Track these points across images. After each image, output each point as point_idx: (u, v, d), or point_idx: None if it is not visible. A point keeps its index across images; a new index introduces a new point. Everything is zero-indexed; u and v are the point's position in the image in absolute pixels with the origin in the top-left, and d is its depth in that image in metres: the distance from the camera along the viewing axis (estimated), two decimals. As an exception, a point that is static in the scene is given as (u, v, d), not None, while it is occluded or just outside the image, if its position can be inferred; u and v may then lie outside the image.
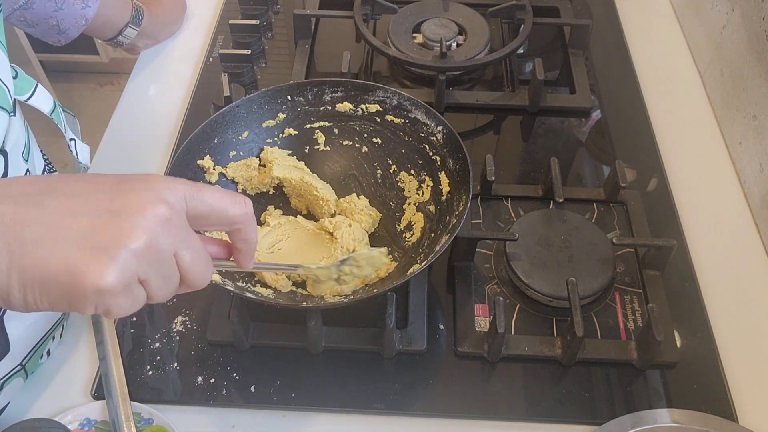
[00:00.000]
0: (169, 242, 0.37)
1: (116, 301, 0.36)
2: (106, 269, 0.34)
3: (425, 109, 0.73)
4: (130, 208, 0.36)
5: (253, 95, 0.73)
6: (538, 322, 0.69)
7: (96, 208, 0.36)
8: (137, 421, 0.61)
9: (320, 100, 0.75)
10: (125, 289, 0.36)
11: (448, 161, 0.71)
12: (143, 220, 0.36)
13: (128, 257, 0.35)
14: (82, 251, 0.34)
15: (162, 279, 0.38)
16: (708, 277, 0.73)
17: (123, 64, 2.19)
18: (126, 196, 0.37)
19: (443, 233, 0.68)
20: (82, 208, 0.36)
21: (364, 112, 0.76)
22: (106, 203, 0.36)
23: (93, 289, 0.35)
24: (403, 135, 0.75)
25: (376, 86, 0.74)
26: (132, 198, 0.36)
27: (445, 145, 0.72)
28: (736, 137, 0.85)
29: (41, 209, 0.35)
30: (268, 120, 0.75)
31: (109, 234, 0.35)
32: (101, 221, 0.35)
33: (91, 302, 0.35)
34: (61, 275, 0.34)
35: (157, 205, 0.37)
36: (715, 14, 0.93)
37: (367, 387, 0.64)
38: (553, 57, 1.00)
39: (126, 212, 0.36)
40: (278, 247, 0.70)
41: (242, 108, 0.73)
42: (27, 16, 0.76)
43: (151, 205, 0.36)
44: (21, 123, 0.58)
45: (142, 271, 0.36)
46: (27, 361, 0.62)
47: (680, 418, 0.60)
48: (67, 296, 0.35)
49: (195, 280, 0.40)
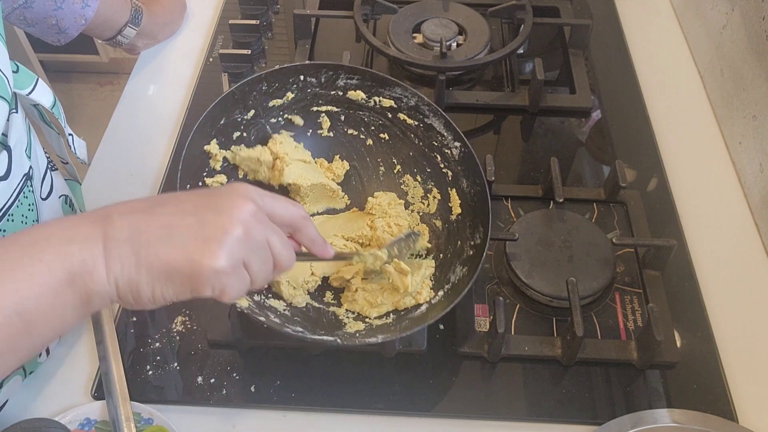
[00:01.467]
0: (261, 230, 0.45)
1: (229, 281, 0.43)
2: (218, 253, 0.42)
3: (445, 120, 0.71)
4: (227, 207, 0.44)
5: (265, 72, 0.69)
6: (538, 322, 0.69)
7: (199, 209, 0.44)
8: (137, 421, 0.61)
9: (333, 85, 0.72)
10: (234, 270, 0.43)
11: (462, 181, 0.70)
12: (239, 214, 0.44)
13: (233, 243, 0.43)
14: (197, 242, 0.42)
15: (261, 260, 0.46)
16: (708, 277, 0.73)
17: (123, 64, 2.19)
18: (220, 198, 0.45)
19: (455, 260, 0.67)
20: (188, 210, 0.44)
21: (376, 104, 0.73)
22: (206, 205, 0.44)
23: (210, 271, 0.42)
24: (414, 138, 0.74)
25: (396, 82, 0.72)
26: (225, 199, 0.45)
27: (460, 162, 0.70)
28: (736, 137, 0.85)
29: (156, 216, 0.43)
30: (276, 99, 0.71)
31: (214, 227, 0.43)
32: (206, 219, 0.43)
33: (209, 283, 0.43)
34: (182, 264, 0.42)
35: (247, 202, 0.45)
36: (715, 14, 0.93)
37: (367, 387, 0.64)
38: (553, 57, 1.00)
39: (224, 210, 0.44)
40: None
41: (252, 85, 0.69)
42: (26, 15, 0.76)
43: (242, 202, 0.44)
44: (23, 120, 0.58)
45: (245, 254, 0.44)
46: None
47: (680, 418, 0.60)
48: (189, 281, 0.42)
49: (285, 262, 0.48)
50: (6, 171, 0.54)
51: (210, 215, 0.43)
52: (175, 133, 0.88)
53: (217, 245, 0.42)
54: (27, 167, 0.57)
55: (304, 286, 0.67)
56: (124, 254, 0.41)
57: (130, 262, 0.41)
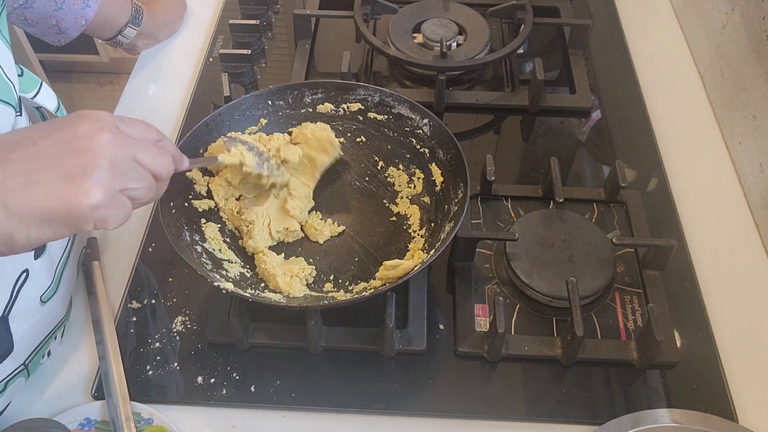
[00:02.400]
0: (126, 152, 0.45)
1: (109, 212, 0.43)
2: (91, 189, 0.42)
3: (409, 103, 0.73)
4: (81, 140, 0.43)
5: (234, 102, 0.73)
6: (538, 322, 0.69)
7: (56, 148, 0.42)
8: (137, 421, 0.61)
9: (301, 103, 0.76)
10: (111, 201, 0.43)
11: (438, 152, 0.72)
12: (99, 146, 0.43)
13: (103, 174, 0.42)
14: (66, 183, 0.41)
15: (137, 180, 0.46)
16: (708, 277, 0.73)
17: (123, 64, 2.19)
18: (71, 131, 0.43)
19: (444, 222, 0.68)
20: (45, 151, 0.42)
21: (345, 111, 0.76)
22: (60, 142, 0.43)
23: (87, 208, 0.42)
24: (388, 131, 0.76)
25: (357, 85, 0.75)
26: (77, 132, 0.43)
27: (432, 137, 0.73)
28: (736, 137, 0.85)
29: (12, 163, 0.41)
30: (251, 126, 0.75)
31: (77, 165, 0.42)
32: (65, 157, 0.42)
33: (89, 219, 0.43)
34: (56, 206, 0.41)
35: (101, 131, 0.44)
36: (715, 14, 0.93)
37: (367, 387, 0.64)
38: (553, 57, 1.00)
39: (80, 145, 0.43)
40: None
41: (225, 115, 0.73)
42: (27, 16, 0.76)
43: (96, 132, 0.44)
44: (26, 123, 0.58)
45: (118, 182, 0.44)
46: (29, 360, 0.62)
47: (680, 418, 0.60)
48: (67, 221, 0.42)
49: (162, 171, 0.48)
50: None
51: (70, 154, 0.42)
52: (175, 133, 0.88)
53: (87, 181, 0.42)
54: None
55: (299, 275, 0.67)
56: None
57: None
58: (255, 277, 0.67)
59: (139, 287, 0.72)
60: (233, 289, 0.61)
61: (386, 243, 0.72)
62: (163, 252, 0.74)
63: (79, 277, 0.72)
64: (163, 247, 0.74)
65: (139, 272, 0.73)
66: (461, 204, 0.66)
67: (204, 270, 0.62)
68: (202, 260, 0.64)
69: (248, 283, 0.66)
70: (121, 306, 0.70)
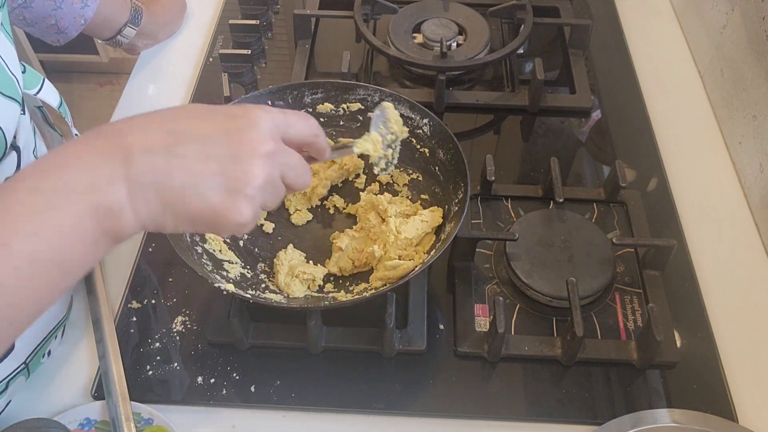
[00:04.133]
0: (278, 170, 0.46)
1: (248, 227, 0.45)
2: (243, 209, 0.43)
3: (409, 103, 0.73)
4: (245, 149, 0.44)
5: (233, 103, 0.72)
6: (538, 322, 0.69)
7: (220, 152, 0.43)
8: (137, 421, 0.61)
9: (301, 103, 0.76)
10: (255, 217, 0.45)
11: (438, 152, 0.72)
12: (258, 159, 0.44)
13: (255, 194, 0.44)
14: (221, 195, 0.43)
15: (275, 197, 0.47)
16: (708, 277, 0.73)
17: (123, 64, 2.19)
18: (238, 135, 0.44)
19: (444, 222, 0.68)
20: (210, 152, 0.43)
21: (345, 111, 0.76)
22: (227, 146, 0.43)
23: (234, 224, 0.44)
24: None
25: (357, 84, 0.75)
26: (243, 137, 0.44)
27: (432, 136, 0.72)
28: (736, 137, 0.85)
29: (179, 159, 0.42)
30: None
31: (237, 177, 0.43)
32: (228, 165, 0.43)
33: (231, 231, 0.44)
34: (208, 216, 0.43)
35: (265, 142, 0.44)
36: (715, 14, 0.93)
37: (367, 387, 0.64)
38: (553, 57, 1.00)
39: (243, 154, 0.43)
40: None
41: None
42: (26, 15, 0.76)
43: (260, 144, 0.44)
44: (29, 121, 0.58)
45: (263, 200, 0.45)
46: (30, 360, 0.62)
47: (680, 418, 0.60)
48: (213, 227, 0.44)
49: (298, 188, 0.49)
50: (15, 171, 0.54)
51: (232, 163, 0.43)
52: (175, 133, 0.87)
53: (241, 200, 0.43)
54: None
55: (301, 277, 0.67)
56: (149, 198, 0.42)
57: (156, 207, 0.42)
58: (255, 278, 0.67)
59: (139, 287, 0.72)
60: (234, 290, 0.61)
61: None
62: (163, 252, 0.74)
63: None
64: (163, 247, 0.74)
65: (139, 272, 0.73)
66: (461, 204, 0.66)
67: (204, 271, 0.62)
68: (202, 261, 0.64)
69: (249, 283, 0.66)
70: (121, 306, 0.70)
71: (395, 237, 0.67)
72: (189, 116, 0.45)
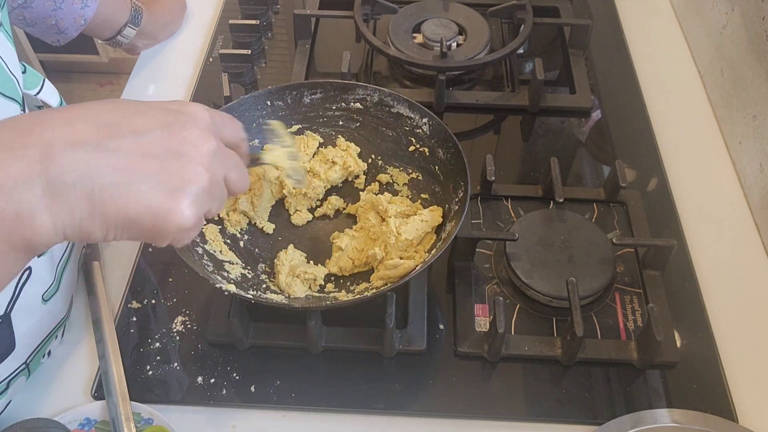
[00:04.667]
0: (221, 169, 0.42)
1: (191, 234, 0.41)
2: (186, 211, 0.39)
3: (408, 103, 0.73)
4: (187, 147, 0.40)
5: (233, 103, 0.72)
6: (538, 322, 0.69)
7: (159, 148, 0.39)
8: (137, 421, 0.61)
9: (300, 103, 0.75)
10: (198, 223, 0.41)
11: (438, 151, 0.72)
12: (202, 158, 0.40)
13: (199, 194, 0.40)
14: (162, 194, 0.38)
15: (219, 201, 0.43)
16: (708, 277, 0.73)
17: (123, 64, 2.19)
18: (179, 131, 0.40)
19: (445, 221, 0.68)
20: (148, 148, 0.38)
21: (345, 111, 0.76)
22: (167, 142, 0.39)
23: (176, 228, 0.39)
24: (387, 130, 0.76)
25: (356, 84, 0.75)
26: (184, 134, 0.40)
27: (432, 136, 0.72)
28: (736, 137, 0.85)
29: (112, 155, 0.37)
30: (249, 126, 0.74)
31: (179, 176, 0.39)
32: (168, 163, 0.39)
33: (171, 237, 0.40)
34: (145, 217, 0.38)
35: (208, 139, 0.41)
36: (715, 14, 0.93)
37: (367, 387, 0.64)
38: (553, 57, 1.00)
39: (186, 152, 0.40)
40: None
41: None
42: (26, 15, 0.76)
43: (203, 141, 0.41)
44: None
45: (206, 204, 0.41)
46: (31, 360, 0.62)
47: (680, 418, 0.60)
48: (150, 233, 0.39)
49: (239, 191, 0.46)
50: None
51: (173, 159, 0.39)
52: (175, 133, 0.87)
53: (184, 200, 0.39)
54: None
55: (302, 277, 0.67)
56: (73, 200, 0.36)
57: (82, 210, 0.36)
58: (256, 278, 0.67)
59: (139, 287, 0.72)
60: (235, 290, 0.61)
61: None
62: (163, 252, 0.74)
63: (80, 277, 0.72)
64: (163, 247, 0.74)
65: (139, 272, 0.73)
66: (462, 203, 0.66)
67: (205, 272, 0.62)
68: (203, 262, 0.64)
69: (250, 284, 0.66)
70: (121, 306, 0.70)
71: (396, 238, 0.67)
72: (122, 109, 0.40)
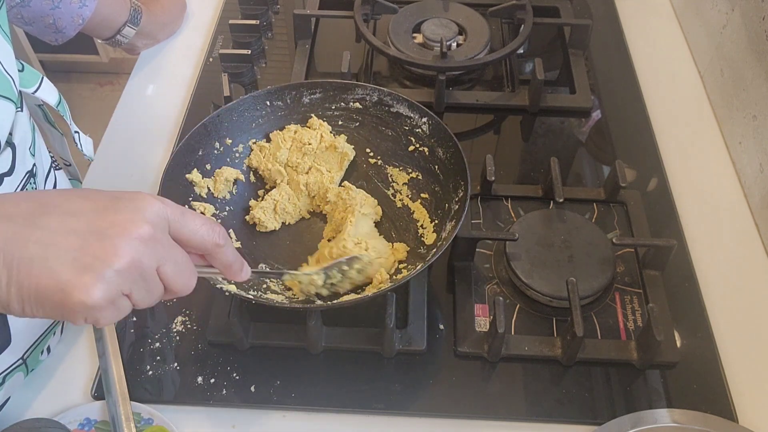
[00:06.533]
0: (152, 259, 0.41)
1: (102, 314, 0.40)
2: (92, 288, 0.38)
3: (408, 102, 0.73)
4: (115, 229, 0.40)
5: (233, 104, 0.73)
6: (538, 322, 0.69)
7: (86, 227, 0.39)
8: (137, 421, 0.61)
9: (299, 103, 0.76)
10: (110, 304, 0.40)
11: (437, 151, 0.72)
12: (126, 240, 0.39)
13: (112, 276, 0.39)
14: (72, 271, 0.38)
15: (145, 291, 0.42)
16: (708, 277, 0.73)
17: (123, 64, 2.19)
18: (113, 215, 0.40)
19: (445, 221, 0.68)
20: (74, 227, 0.39)
21: (344, 111, 0.76)
22: (95, 222, 0.40)
23: (81, 305, 0.39)
24: (386, 130, 0.76)
25: (355, 84, 0.75)
26: (118, 217, 0.40)
27: (432, 135, 0.73)
28: (736, 137, 0.85)
29: (37, 230, 0.39)
30: (248, 126, 0.75)
31: (95, 254, 0.39)
32: (89, 241, 0.39)
33: (80, 315, 0.39)
34: (53, 292, 0.38)
35: (140, 225, 0.40)
36: (715, 14, 0.93)
37: (367, 387, 0.64)
38: (553, 57, 1.00)
39: (111, 233, 0.39)
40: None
41: (223, 117, 0.73)
42: (24, 14, 0.76)
43: (134, 225, 0.40)
44: (27, 119, 0.58)
45: (126, 287, 0.40)
46: (28, 355, 0.62)
47: (680, 418, 0.60)
48: (60, 309, 0.39)
49: (178, 290, 0.44)
50: (10, 168, 0.54)
51: (94, 238, 0.39)
52: (175, 133, 0.87)
53: (92, 279, 0.38)
54: (31, 165, 0.57)
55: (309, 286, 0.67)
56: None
57: (2, 276, 0.38)
58: (257, 279, 0.67)
59: (138, 287, 0.71)
60: (235, 290, 0.61)
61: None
62: (162, 252, 0.74)
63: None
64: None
65: (138, 272, 0.73)
66: (462, 203, 0.66)
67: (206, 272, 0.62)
68: None
69: (250, 284, 0.66)
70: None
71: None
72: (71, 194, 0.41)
